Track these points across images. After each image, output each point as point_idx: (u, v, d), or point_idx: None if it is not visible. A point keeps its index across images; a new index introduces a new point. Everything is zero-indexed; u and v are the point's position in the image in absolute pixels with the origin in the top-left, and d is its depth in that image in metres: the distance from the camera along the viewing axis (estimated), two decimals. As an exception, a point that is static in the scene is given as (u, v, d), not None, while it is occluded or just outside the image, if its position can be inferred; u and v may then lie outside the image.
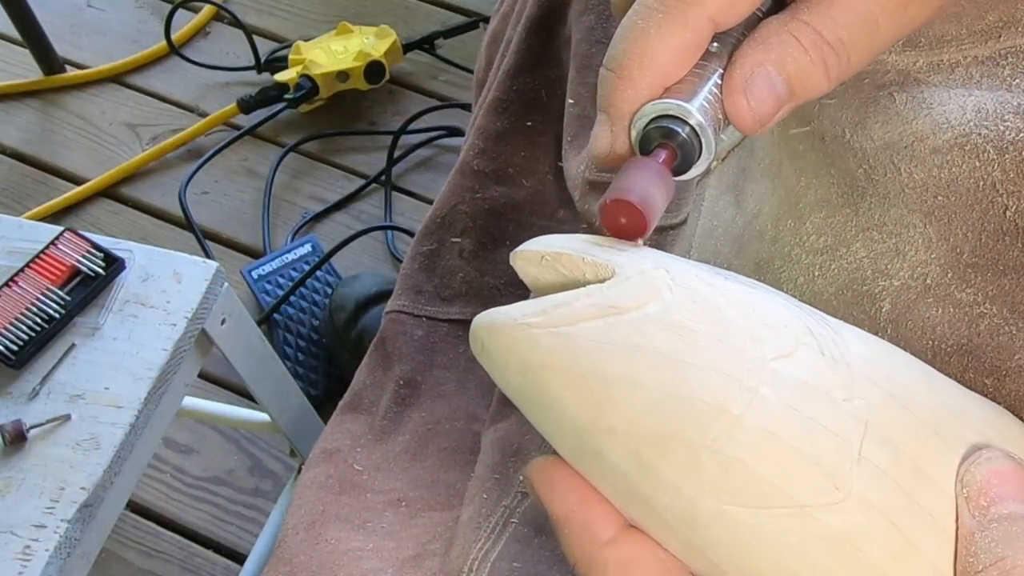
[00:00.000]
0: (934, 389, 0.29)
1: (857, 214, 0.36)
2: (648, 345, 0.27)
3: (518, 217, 0.83)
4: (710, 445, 0.26)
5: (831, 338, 0.28)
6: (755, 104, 0.29)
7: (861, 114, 0.36)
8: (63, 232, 0.80)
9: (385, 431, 0.75)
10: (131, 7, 1.70)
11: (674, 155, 0.30)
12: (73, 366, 0.76)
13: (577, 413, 0.27)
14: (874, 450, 0.27)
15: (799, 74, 0.30)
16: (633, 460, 0.27)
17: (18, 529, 0.69)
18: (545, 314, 0.27)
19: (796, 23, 0.30)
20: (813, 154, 0.38)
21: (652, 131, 0.30)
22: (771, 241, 0.39)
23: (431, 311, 0.81)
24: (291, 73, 1.48)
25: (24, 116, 1.57)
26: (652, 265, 0.28)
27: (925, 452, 0.27)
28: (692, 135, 0.30)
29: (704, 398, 0.26)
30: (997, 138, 0.32)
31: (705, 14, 0.29)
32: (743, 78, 0.29)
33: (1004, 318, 0.32)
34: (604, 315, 0.27)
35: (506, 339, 0.28)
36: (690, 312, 0.27)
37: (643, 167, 0.29)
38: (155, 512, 1.22)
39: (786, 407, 0.26)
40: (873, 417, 0.27)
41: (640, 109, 0.30)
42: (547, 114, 0.80)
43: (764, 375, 0.26)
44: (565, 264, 0.29)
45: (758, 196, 0.42)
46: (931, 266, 0.34)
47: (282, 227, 1.44)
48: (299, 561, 0.65)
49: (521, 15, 0.79)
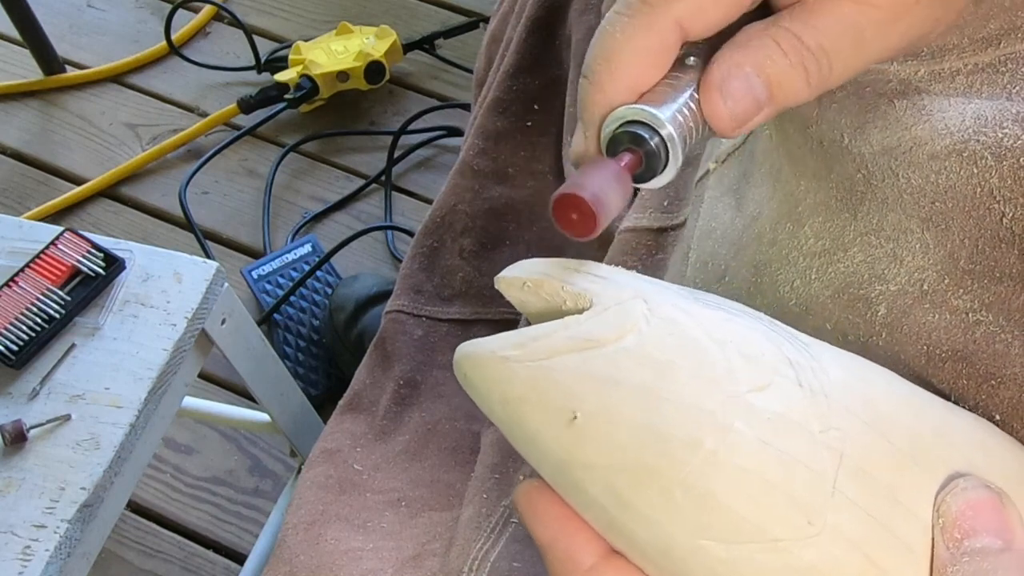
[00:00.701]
0: (917, 412, 0.29)
1: (856, 218, 0.36)
2: (624, 380, 0.27)
3: (518, 217, 0.83)
4: (684, 480, 0.26)
5: (809, 366, 0.28)
6: (732, 104, 0.29)
7: (860, 119, 0.36)
8: (63, 232, 0.81)
9: (385, 431, 0.76)
10: (131, 7, 1.70)
11: (639, 161, 0.29)
12: (73, 366, 0.76)
13: (555, 447, 0.27)
14: (849, 482, 0.27)
15: (778, 77, 0.29)
16: (610, 494, 0.27)
17: (18, 529, 0.69)
18: (523, 347, 0.28)
19: (776, 28, 0.30)
20: (812, 159, 0.38)
21: (620, 135, 0.30)
22: (769, 243, 0.39)
23: (431, 311, 0.81)
24: (291, 73, 1.48)
25: (24, 116, 1.57)
26: (630, 294, 0.28)
27: (903, 481, 0.27)
28: (660, 144, 0.29)
29: (678, 434, 0.26)
30: (995, 145, 0.32)
31: (670, 16, 0.29)
32: (720, 77, 0.29)
33: (1000, 326, 0.32)
34: (581, 349, 0.27)
35: (486, 371, 0.28)
36: (667, 345, 0.27)
37: (602, 167, 0.29)
38: (155, 512, 1.22)
39: (760, 442, 0.26)
40: (849, 448, 0.27)
41: (611, 113, 0.30)
42: (547, 114, 0.80)
43: (739, 409, 0.27)
44: (546, 291, 0.29)
45: (759, 199, 0.42)
46: (928, 272, 0.33)
47: (282, 227, 1.44)
48: (299, 561, 0.65)
49: (521, 15, 0.79)
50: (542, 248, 0.83)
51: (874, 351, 0.35)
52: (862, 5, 0.30)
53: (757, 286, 0.40)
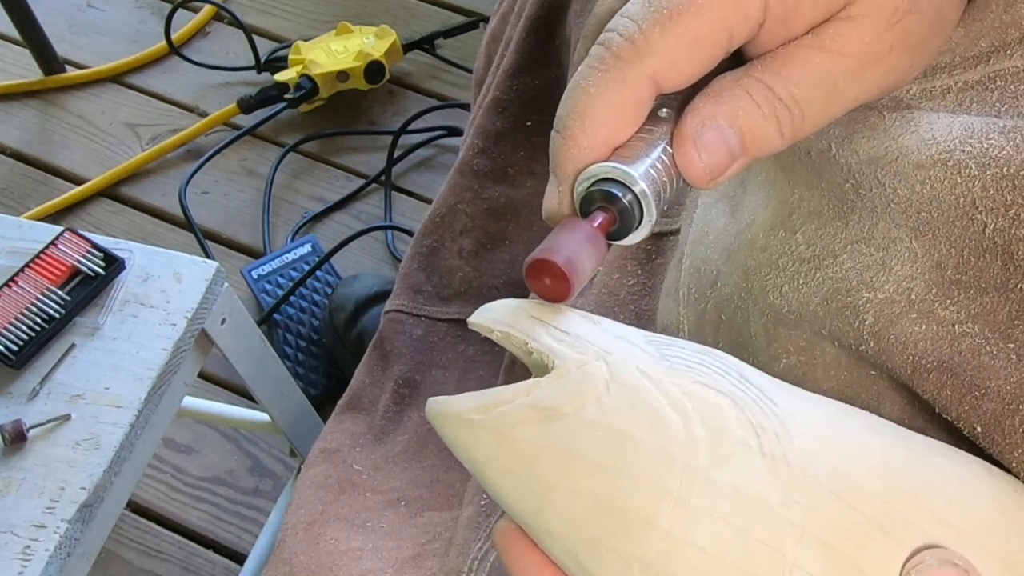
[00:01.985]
0: (890, 471, 0.28)
1: (847, 227, 0.36)
2: (583, 452, 0.27)
3: (518, 217, 0.83)
4: (641, 558, 0.26)
5: (775, 432, 0.28)
6: (706, 157, 0.29)
7: (848, 129, 0.36)
8: (63, 232, 0.81)
9: (384, 431, 0.76)
10: (131, 7, 1.70)
11: (612, 220, 0.29)
12: (73, 366, 0.76)
13: (519, 510, 0.28)
14: (809, 556, 0.26)
15: (751, 128, 0.29)
16: (572, 561, 0.27)
17: (18, 529, 0.69)
18: (485, 411, 0.28)
19: (748, 79, 0.30)
20: (802, 168, 0.38)
21: (594, 193, 0.29)
22: (761, 249, 0.39)
23: (430, 311, 0.82)
24: (291, 73, 1.48)
25: (24, 116, 1.57)
26: (593, 355, 0.28)
27: (868, 552, 0.27)
28: (634, 201, 0.29)
29: (635, 510, 0.26)
30: (980, 155, 0.32)
31: (645, 72, 0.29)
32: (694, 130, 0.29)
33: (985, 337, 0.32)
34: (540, 419, 0.27)
35: (452, 431, 0.29)
36: (626, 415, 0.27)
37: (575, 229, 0.29)
38: (155, 512, 1.22)
39: (717, 519, 0.26)
40: (811, 521, 0.27)
41: (584, 170, 0.29)
42: (547, 114, 0.80)
43: (696, 485, 0.26)
44: (513, 342, 0.29)
45: (754, 207, 0.42)
46: (916, 281, 0.33)
47: (282, 227, 1.44)
48: (299, 561, 0.65)
49: (521, 15, 0.79)
50: (541, 248, 0.83)
51: (864, 359, 0.35)
52: (832, 54, 0.30)
53: (748, 291, 0.40)
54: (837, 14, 0.30)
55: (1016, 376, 0.31)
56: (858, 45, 0.30)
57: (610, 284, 0.60)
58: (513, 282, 0.82)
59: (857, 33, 0.30)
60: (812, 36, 0.30)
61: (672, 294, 0.47)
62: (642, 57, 0.29)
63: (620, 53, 0.29)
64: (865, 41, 0.30)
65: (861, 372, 0.35)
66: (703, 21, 0.29)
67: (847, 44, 0.30)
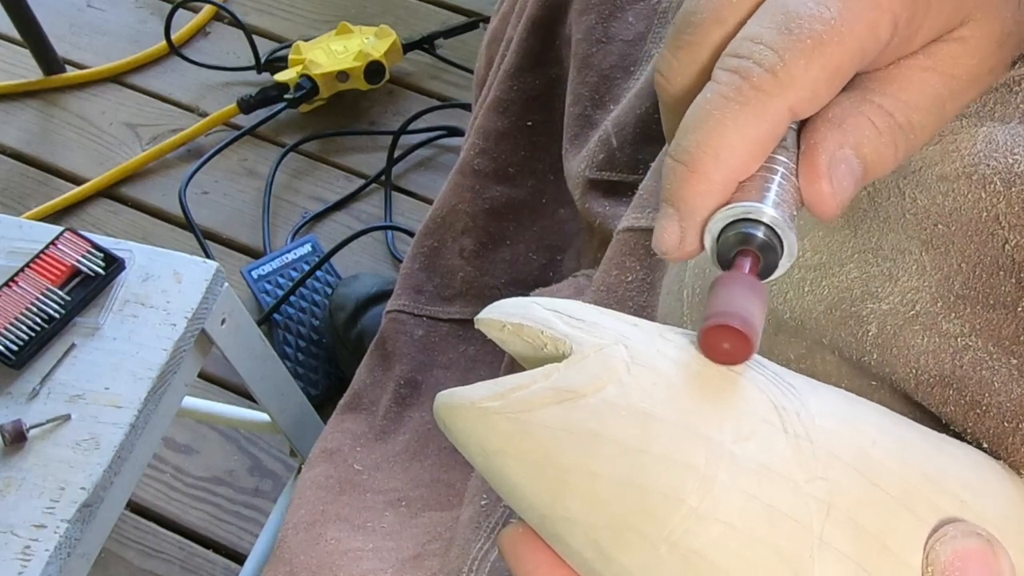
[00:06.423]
0: (908, 455, 0.28)
1: (856, 235, 0.35)
2: (605, 433, 0.26)
3: (518, 216, 0.83)
4: (668, 538, 0.26)
5: (796, 411, 0.27)
6: (838, 188, 0.28)
7: None
8: (63, 232, 0.80)
9: (385, 431, 0.76)
10: (131, 7, 1.70)
11: (757, 260, 0.28)
12: (73, 366, 0.76)
13: (536, 500, 0.27)
14: (836, 532, 0.26)
15: (874, 156, 0.29)
16: (593, 548, 0.27)
17: (18, 529, 0.69)
18: (502, 398, 0.27)
19: (870, 106, 0.29)
20: None
21: (730, 237, 0.28)
22: None
23: (431, 311, 0.82)
24: (291, 73, 1.48)
25: (24, 116, 1.57)
26: (611, 339, 0.28)
27: (892, 529, 0.27)
28: (770, 234, 0.28)
29: (661, 489, 0.26)
30: (1005, 170, 0.32)
31: (785, 105, 0.28)
32: (827, 163, 0.28)
33: (988, 352, 0.32)
34: (560, 400, 0.27)
35: (464, 422, 0.28)
36: (648, 395, 0.26)
37: (735, 283, 0.27)
38: (155, 512, 1.22)
39: (744, 495, 0.26)
40: (836, 497, 0.27)
41: (714, 214, 0.28)
42: (547, 114, 0.80)
43: (722, 461, 0.26)
44: (526, 335, 0.29)
45: None
46: (921, 293, 0.33)
47: (282, 227, 1.44)
48: (299, 561, 0.65)
49: (521, 15, 0.79)
50: (541, 247, 0.83)
51: (866, 370, 0.35)
52: (945, 76, 0.30)
53: None
54: (950, 34, 0.30)
55: (1017, 392, 0.31)
56: (967, 67, 0.30)
57: (608, 281, 0.60)
58: (514, 282, 0.82)
59: (967, 55, 0.30)
60: (925, 57, 0.30)
61: (675, 293, 0.47)
62: (784, 90, 0.28)
63: (761, 86, 0.28)
64: (973, 63, 0.30)
65: (862, 382, 0.35)
66: (844, 50, 0.28)
67: (958, 66, 0.30)
